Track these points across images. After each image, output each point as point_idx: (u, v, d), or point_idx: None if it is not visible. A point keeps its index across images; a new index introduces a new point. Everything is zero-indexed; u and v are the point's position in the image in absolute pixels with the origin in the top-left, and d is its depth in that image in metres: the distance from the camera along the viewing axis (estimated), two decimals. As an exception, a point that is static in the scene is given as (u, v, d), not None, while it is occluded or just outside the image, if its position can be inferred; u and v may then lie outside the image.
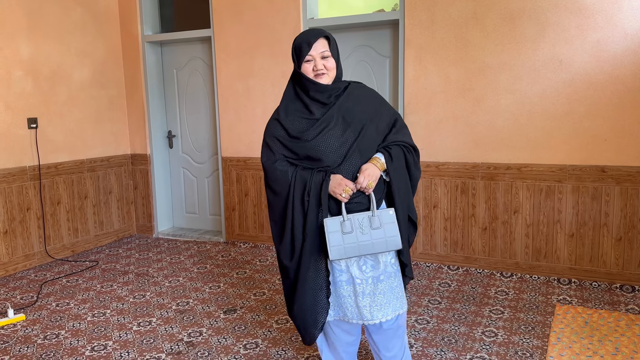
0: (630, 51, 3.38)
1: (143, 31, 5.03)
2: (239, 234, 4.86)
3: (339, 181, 1.88)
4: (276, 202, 2.00)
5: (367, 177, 1.87)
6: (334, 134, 1.91)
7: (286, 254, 1.99)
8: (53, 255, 4.47)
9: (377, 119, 2.00)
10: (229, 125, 4.77)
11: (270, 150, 1.99)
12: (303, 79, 1.93)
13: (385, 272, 1.99)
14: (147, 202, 5.27)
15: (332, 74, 1.96)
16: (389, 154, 1.95)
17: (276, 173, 1.96)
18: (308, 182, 1.90)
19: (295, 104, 1.98)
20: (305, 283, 1.97)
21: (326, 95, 1.94)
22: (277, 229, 2.03)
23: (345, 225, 1.87)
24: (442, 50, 3.86)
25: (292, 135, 1.94)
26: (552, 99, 3.60)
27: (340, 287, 1.99)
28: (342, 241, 1.85)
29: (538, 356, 2.64)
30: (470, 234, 3.96)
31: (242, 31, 4.56)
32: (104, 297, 3.61)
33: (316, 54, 1.92)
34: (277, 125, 1.98)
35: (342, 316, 2.04)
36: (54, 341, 2.94)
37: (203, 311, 3.32)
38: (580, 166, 3.58)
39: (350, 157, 1.92)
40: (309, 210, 1.91)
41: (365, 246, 1.87)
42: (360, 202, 1.93)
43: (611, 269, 3.58)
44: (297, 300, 2.01)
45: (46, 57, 4.40)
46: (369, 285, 1.97)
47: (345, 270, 1.98)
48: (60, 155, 4.54)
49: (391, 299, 1.99)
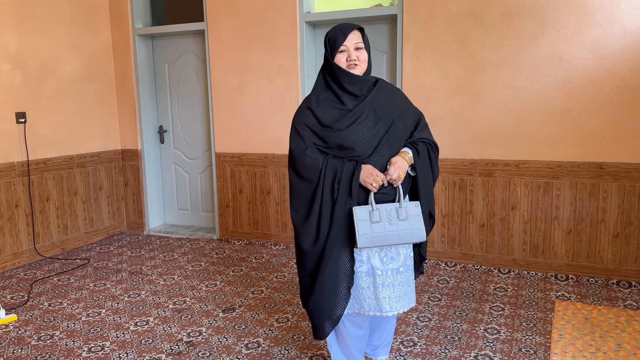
0: (629, 48, 3.39)
1: (134, 24, 4.92)
2: (233, 230, 4.80)
3: (370, 171, 1.93)
4: (303, 187, 2.01)
5: (398, 169, 1.94)
6: (366, 125, 1.96)
7: (309, 238, 1.99)
8: (42, 253, 4.36)
9: (405, 115, 2.08)
10: (223, 121, 4.69)
11: (300, 137, 2.01)
12: (335, 69, 1.97)
13: (405, 264, 2.05)
14: (138, 199, 5.17)
15: (363, 66, 2.00)
16: (416, 150, 2.03)
17: (307, 159, 1.98)
18: (339, 170, 1.93)
19: (327, 93, 2.02)
20: (325, 271, 1.97)
21: (358, 88, 1.98)
22: (300, 214, 2.03)
23: (373, 215, 1.91)
24: (440, 46, 3.83)
25: (323, 124, 1.98)
26: (551, 95, 3.60)
27: (360, 278, 2.01)
28: (370, 230, 1.89)
29: (542, 353, 2.64)
30: (468, 230, 3.95)
31: (237, 25, 4.48)
32: (98, 296, 3.53)
33: (350, 45, 1.96)
34: (309, 113, 2.02)
35: (358, 309, 2.05)
36: (49, 342, 2.86)
37: (201, 310, 3.26)
38: (578, 163, 3.59)
39: (380, 149, 1.97)
40: (338, 199, 1.94)
41: (392, 236, 1.91)
42: (387, 193, 1.98)
43: (608, 265, 3.60)
44: (315, 290, 2.01)
45: (35, 51, 4.28)
46: (388, 277, 2.01)
47: (366, 262, 2.01)
48: (49, 150, 4.43)
49: (408, 292, 2.05)
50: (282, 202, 4.55)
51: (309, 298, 2.06)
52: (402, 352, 2.68)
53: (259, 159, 4.58)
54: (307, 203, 2.00)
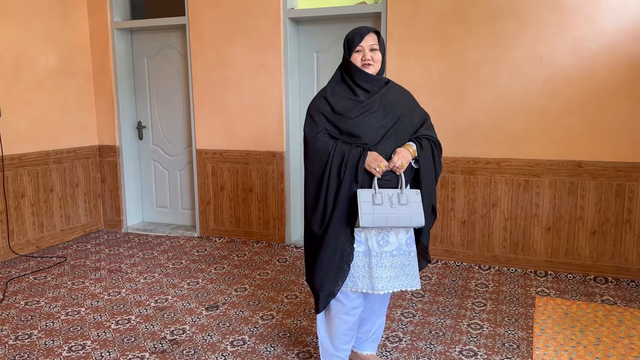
0: (606, 49, 3.47)
1: (112, 17, 4.82)
2: (214, 228, 4.74)
3: (375, 157, 2.07)
4: (314, 170, 2.15)
5: (401, 158, 2.08)
6: (375, 116, 2.12)
7: (317, 222, 2.15)
8: (17, 251, 4.24)
9: (412, 114, 2.23)
10: (204, 117, 4.64)
11: (315, 123, 2.17)
12: (351, 66, 2.13)
13: (399, 249, 2.18)
14: (116, 196, 5.08)
15: (377, 66, 2.17)
16: (419, 144, 2.17)
17: (318, 143, 2.14)
18: (346, 154, 2.08)
19: (341, 86, 2.19)
20: (328, 248, 2.12)
21: (370, 85, 2.15)
22: (311, 198, 2.18)
23: (376, 197, 2.05)
24: (424, 45, 3.86)
25: (336, 112, 2.13)
26: (532, 94, 3.67)
27: (357, 257, 2.15)
28: (372, 211, 2.02)
29: (525, 347, 2.68)
30: (449, 227, 3.99)
31: (219, 20, 4.43)
32: (77, 294, 3.45)
33: (366, 46, 2.13)
34: (324, 101, 2.18)
35: (351, 286, 2.17)
36: (27, 342, 2.78)
37: (184, 308, 3.22)
38: (558, 161, 3.66)
39: (387, 139, 2.12)
40: (343, 180, 2.08)
41: (392, 219, 2.04)
42: (389, 180, 2.13)
43: (585, 261, 3.68)
44: (318, 265, 2.16)
45: (10, 43, 4.15)
46: (384, 259, 2.15)
47: (364, 242, 2.15)
48: (24, 145, 4.31)
49: (400, 274, 2.18)
50: (264, 200, 4.52)
51: (313, 272, 2.20)
52: (387, 348, 2.69)
53: (241, 155, 4.54)
54: (317, 186, 2.15)
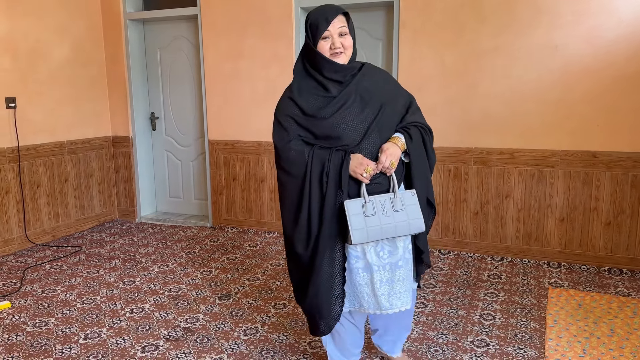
0: (623, 38, 3.41)
1: (125, 8, 4.84)
2: (227, 218, 4.77)
3: (360, 161, 1.80)
4: (290, 184, 1.88)
5: (389, 156, 1.80)
6: (352, 111, 1.83)
7: (301, 241, 1.88)
8: (33, 240, 4.31)
9: (394, 99, 1.95)
10: (216, 108, 4.65)
11: (284, 130, 1.87)
12: (319, 57, 1.84)
13: (404, 257, 1.93)
14: (130, 186, 5.12)
15: (348, 52, 1.88)
16: (408, 134, 1.89)
17: (290, 153, 1.85)
18: (326, 162, 1.80)
19: (308, 81, 1.88)
20: (321, 270, 1.86)
21: (342, 75, 1.86)
22: (289, 215, 1.91)
23: (367, 208, 1.78)
24: (437, 34, 3.83)
25: (307, 114, 1.84)
26: (547, 84, 3.62)
27: (357, 274, 1.90)
28: (364, 224, 1.76)
29: (537, 338, 2.68)
30: (462, 218, 3.98)
31: (231, 10, 4.43)
32: (92, 283, 3.50)
33: (334, 31, 1.82)
34: (291, 103, 1.88)
35: (357, 307, 1.95)
36: (44, 329, 2.83)
37: (197, 297, 3.25)
38: (572, 151, 3.62)
39: (370, 136, 1.84)
40: (327, 192, 1.81)
41: (388, 229, 1.78)
42: (380, 182, 1.86)
43: (600, 252, 3.65)
44: (310, 290, 1.91)
45: (24, 34, 4.19)
46: (386, 272, 1.89)
47: (362, 257, 1.89)
48: (39, 136, 4.36)
49: (409, 287, 1.94)
50: (276, 190, 4.54)
51: (304, 298, 1.95)
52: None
53: (253, 146, 4.55)
54: (296, 201, 1.86)
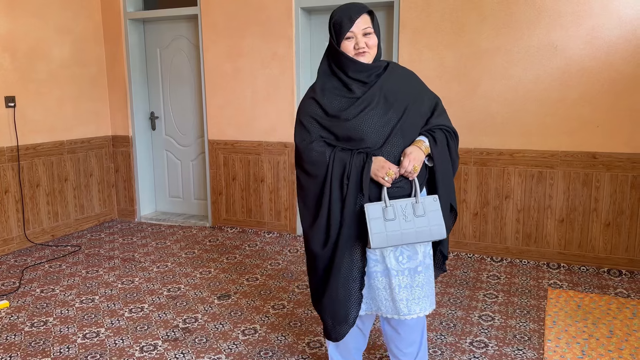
0: (623, 39, 3.41)
1: (125, 8, 4.84)
2: (226, 218, 4.77)
3: (381, 164, 1.76)
4: (310, 185, 1.87)
5: (412, 160, 1.76)
6: (376, 113, 1.80)
7: (318, 241, 1.86)
8: (32, 239, 4.30)
9: (420, 101, 1.90)
10: (216, 107, 4.65)
11: (306, 131, 1.85)
12: (342, 57, 1.81)
13: (424, 263, 1.89)
14: (129, 186, 5.12)
15: (373, 52, 1.84)
16: (432, 138, 1.85)
17: (312, 154, 1.82)
18: (348, 164, 1.77)
19: (332, 81, 1.86)
20: (339, 273, 1.84)
21: (366, 75, 1.83)
22: (308, 215, 1.90)
23: (387, 212, 1.75)
24: (437, 34, 3.82)
25: (330, 114, 1.82)
26: (546, 84, 3.62)
27: (375, 278, 1.87)
28: (384, 229, 1.73)
29: (536, 339, 2.67)
30: (462, 219, 3.97)
31: (231, 9, 4.43)
32: (91, 282, 3.50)
33: (358, 31, 1.79)
34: (314, 103, 1.86)
35: (375, 310, 1.92)
36: (42, 328, 2.83)
37: (196, 297, 3.25)
38: (572, 152, 3.62)
39: (393, 138, 1.81)
40: (347, 195, 1.79)
41: (409, 235, 1.75)
42: (402, 187, 1.82)
43: (599, 253, 3.65)
44: (328, 292, 1.88)
45: (24, 33, 4.18)
46: (405, 277, 1.86)
47: (381, 261, 1.87)
48: (39, 135, 4.36)
49: (429, 292, 1.90)
50: (275, 190, 4.53)
51: (321, 301, 1.92)
52: (398, 339, 2.69)
53: (253, 146, 4.55)
54: (315, 202, 1.85)
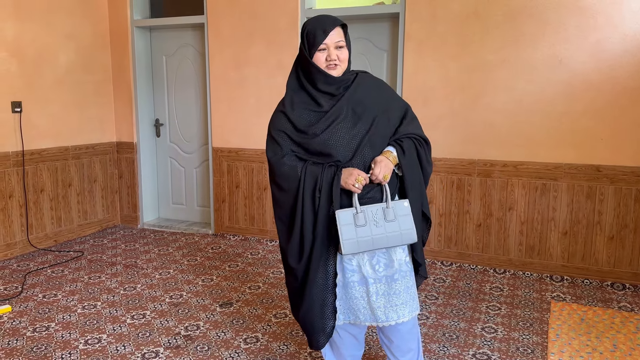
0: (628, 53, 3.42)
1: (132, 15, 4.88)
2: (229, 226, 4.77)
3: (350, 172, 1.77)
4: (284, 199, 1.87)
5: (383, 168, 1.78)
6: (343, 126, 1.80)
7: (294, 255, 1.87)
8: (35, 244, 4.31)
9: (388, 110, 1.90)
10: (221, 115, 4.66)
11: (277, 145, 1.86)
12: (313, 69, 1.80)
13: (400, 271, 1.89)
14: (133, 192, 5.13)
15: (344, 66, 1.85)
16: (400, 147, 1.86)
17: (284, 168, 1.83)
18: (319, 177, 1.79)
19: (301, 95, 1.86)
20: (314, 285, 1.86)
21: (335, 87, 1.83)
22: (284, 228, 1.91)
23: (358, 218, 1.76)
24: (442, 46, 3.84)
25: (299, 129, 1.82)
26: (550, 97, 3.63)
27: (352, 288, 1.88)
28: (355, 234, 1.75)
29: (539, 352, 2.66)
30: (465, 230, 3.97)
31: (237, 19, 4.46)
32: (93, 288, 3.50)
33: (331, 43, 1.80)
34: (283, 118, 1.86)
35: (353, 319, 1.93)
36: (44, 334, 2.83)
37: (198, 304, 3.24)
38: (576, 165, 3.62)
39: (362, 151, 1.82)
40: (319, 208, 1.80)
41: (380, 240, 1.77)
42: (373, 197, 1.84)
43: (603, 267, 3.63)
44: (304, 303, 1.90)
45: (31, 39, 4.22)
46: (382, 285, 1.87)
47: (357, 270, 1.87)
48: (44, 141, 4.37)
49: (407, 300, 1.89)
50: (278, 198, 4.53)
51: (299, 311, 1.94)
52: (400, 350, 2.68)
53: (257, 154, 4.56)
54: (289, 216, 1.86)
